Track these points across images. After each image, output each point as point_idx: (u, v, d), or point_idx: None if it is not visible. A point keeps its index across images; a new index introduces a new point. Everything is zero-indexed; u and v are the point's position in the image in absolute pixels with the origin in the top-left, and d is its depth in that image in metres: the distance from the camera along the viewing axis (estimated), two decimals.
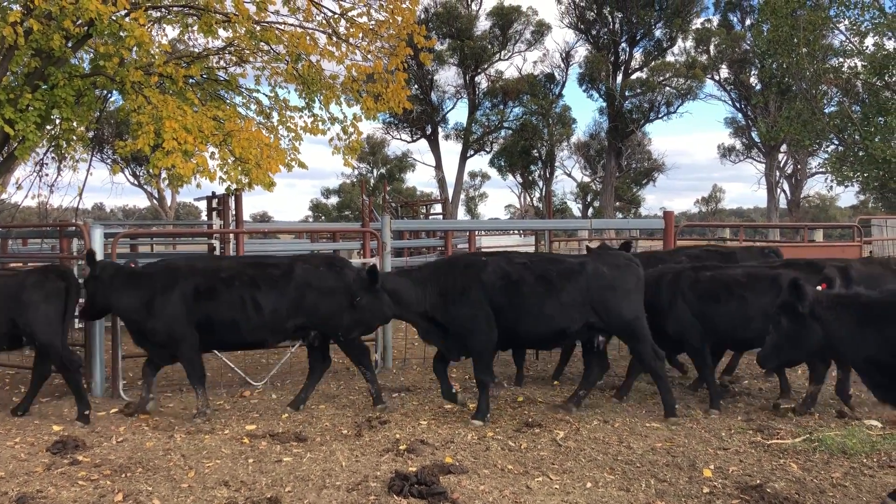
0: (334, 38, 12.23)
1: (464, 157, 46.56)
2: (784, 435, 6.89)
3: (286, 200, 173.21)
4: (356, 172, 60.70)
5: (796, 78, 21.20)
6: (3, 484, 5.78)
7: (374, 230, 9.97)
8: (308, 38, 11.91)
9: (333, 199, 69.82)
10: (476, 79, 45.02)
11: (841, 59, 20.91)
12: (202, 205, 13.52)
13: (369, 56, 12.21)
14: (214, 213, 13.59)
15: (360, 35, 12.20)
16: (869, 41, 20.23)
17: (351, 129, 13.52)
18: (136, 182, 47.62)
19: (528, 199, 55.57)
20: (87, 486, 5.72)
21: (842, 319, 5.17)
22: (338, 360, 9.37)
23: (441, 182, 45.17)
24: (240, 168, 11.24)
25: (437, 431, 7.09)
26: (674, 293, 7.81)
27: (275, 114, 13.55)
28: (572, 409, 7.70)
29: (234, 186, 11.70)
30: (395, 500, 5.37)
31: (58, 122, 11.62)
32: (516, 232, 26.49)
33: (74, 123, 11.62)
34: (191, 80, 12.54)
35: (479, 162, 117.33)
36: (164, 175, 12.43)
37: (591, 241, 26.56)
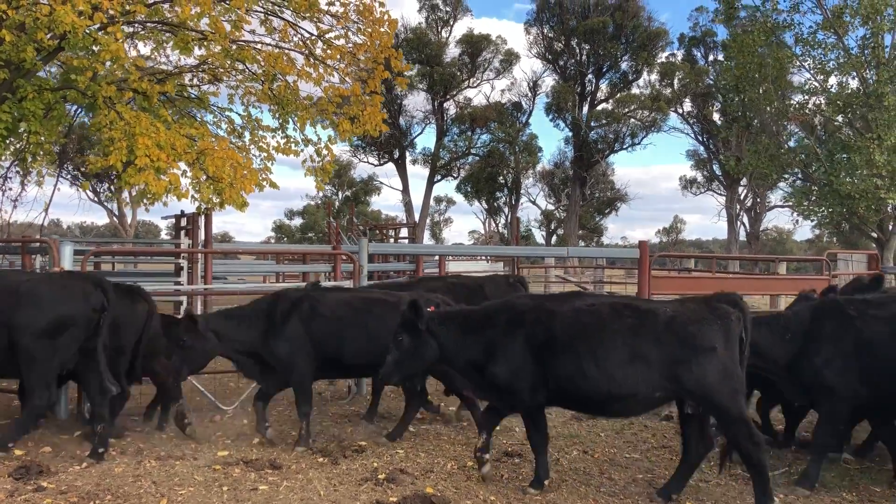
0: (312, 60, 12.16)
1: (431, 182, 46.68)
2: None
3: (248, 221, 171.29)
4: (321, 194, 60.43)
5: (760, 113, 21.64)
6: None
7: (348, 253, 9.83)
8: (285, 58, 11.83)
9: (297, 221, 69.30)
10: (445, 105, 45.27)
11: (806, 97, 21.39)
12: (167, 223, 13.23)
13: (347, 79, 12.15)
14: (182, 233, 13.33)
15: (338, 57, 12.14)
16: (833, 80, 20.78)
17: (325, 152, 13.45)
18: (95, 199, 46.85)
19: (494, 225, 55.73)
20: None
21: (450, 332, 6.17)
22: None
23: (408, 206, 45.17)
24: (212, 187, 11.06)
25: (416, 460, 6.96)
26: None
27: (247, 133, 13.42)
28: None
29: (204, 206, 11.51)
30: None
31: (25, 135, 11.33)
32: (484, 258, 26.54)
33: (42, 137, 11.34)
34: (162, 97, 12.36)
35: (444, 187, 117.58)
36: (130, 192, 12.09)
37: (557, 268, 26.69)
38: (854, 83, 20.07)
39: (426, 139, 63.29)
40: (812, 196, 20.24)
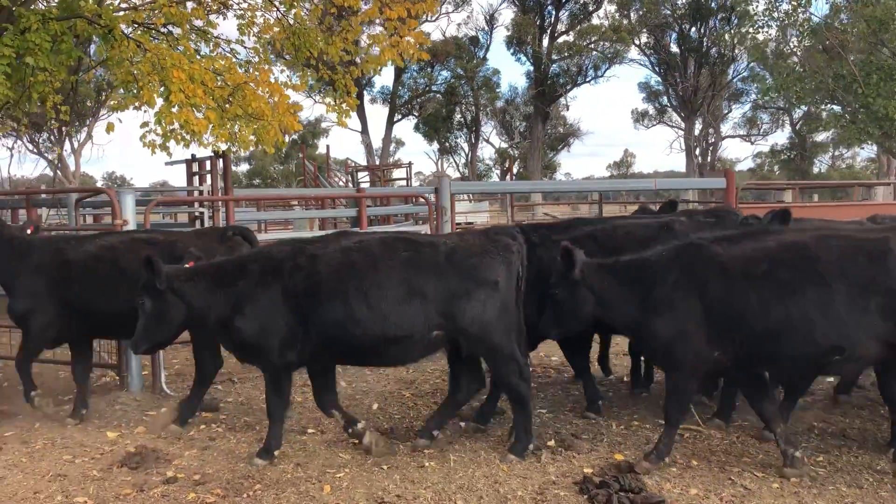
0: None
1: (390, 122, 45.25)
2: None
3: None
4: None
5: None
6: None
7: (423, 194, 8.90)
8: None
9: (244, 167, 66.91)
10: None
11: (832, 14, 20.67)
12: (177, 169, 12.02)
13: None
14: (196, 179, 12.12)
15: None
16: None
17: (345, 85, 12.47)
18: (35, 150, 44.17)
19: (453, 164, 54.59)
20: None
21: (198, 289, 5.32)
22: None
23: (368, 147, 43.74)
24: (251, 126, 9.95)
25: (572, 422, 6.23)
26: None
27: (250, 69, 12.24)
28: None
29: (235, 148, 10.43)
30: None
31: (31, 72, 9.90)
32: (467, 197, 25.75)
33: (51, 74, 9.93)
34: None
35: (397, 129, 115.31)
36: (153, 135, 10.64)
37: (544, 206, 26.07)
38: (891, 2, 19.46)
39: (384, 77, 60.94)
40: (846, 118, 19.85)
